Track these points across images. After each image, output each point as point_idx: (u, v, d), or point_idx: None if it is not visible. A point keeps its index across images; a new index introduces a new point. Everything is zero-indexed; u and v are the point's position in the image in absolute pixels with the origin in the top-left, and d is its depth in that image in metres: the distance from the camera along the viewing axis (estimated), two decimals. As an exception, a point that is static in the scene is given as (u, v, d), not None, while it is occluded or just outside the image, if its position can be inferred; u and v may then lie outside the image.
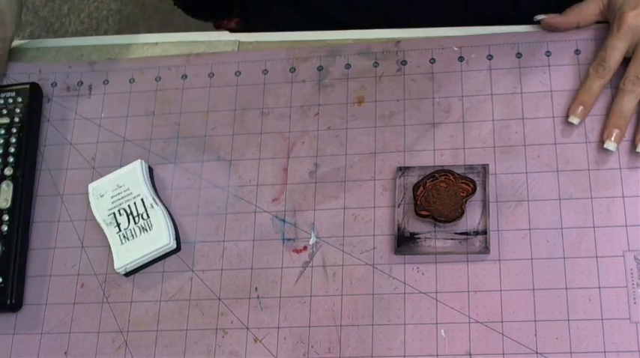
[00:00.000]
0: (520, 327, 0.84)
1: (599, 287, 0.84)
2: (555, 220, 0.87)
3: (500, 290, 0.85)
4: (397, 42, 0.99)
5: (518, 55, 0.95)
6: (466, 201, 0.88)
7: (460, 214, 0.87)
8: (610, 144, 0.87)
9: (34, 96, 1.04)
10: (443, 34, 0.99)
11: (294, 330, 0.88)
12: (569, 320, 0.83)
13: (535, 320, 0.84)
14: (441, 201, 0.88)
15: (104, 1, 2.48)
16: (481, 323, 0.84)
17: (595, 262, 0.85)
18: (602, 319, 0.82)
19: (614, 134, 0.87)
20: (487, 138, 0.92)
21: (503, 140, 0.91)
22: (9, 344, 0.93)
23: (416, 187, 0.89)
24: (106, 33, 2.43)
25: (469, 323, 0.85)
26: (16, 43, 1.10)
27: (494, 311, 0.85)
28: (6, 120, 1.02)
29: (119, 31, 2.41)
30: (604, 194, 0.87)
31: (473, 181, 0.88)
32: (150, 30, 2.36)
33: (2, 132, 1.01)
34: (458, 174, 0.89)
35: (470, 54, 0.96)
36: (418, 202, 0.89)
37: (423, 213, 0.88)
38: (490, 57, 0.96)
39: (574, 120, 0.89)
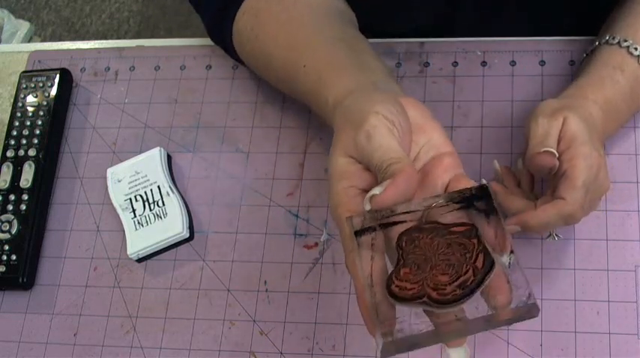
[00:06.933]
0: (526, 336, 0.83)
1: (609, 301, 0.83)
2: (568, 231, 0.86)
3: (508, 298, 0.85)
4: (421, 43, 0.98)
5: (542, 63, 0.94)
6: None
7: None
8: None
9: (64, 82, 1.05)
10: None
11: (300, 326, 0.88)
12: (575, 332, 0.82)
13: (541, 330, 0.83)
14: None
15: (125, 2, 2.50)
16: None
17: (606, 275, 0.84)
18: (609, 333, 0.82)
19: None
20: (505, 144, 0.91)
21: (521, 147, 0.90)
22: (21, 323, 0.95)
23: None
24: (126, 34, 2.46)
25: (475, 329, 0.84)
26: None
27: (501, 319, 0.84)
28: (35, 104, 1.03)
29: (139, 33, 2.44)
30: (619, 207, 0.86)
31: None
32: (169, 32, 2.38)
33: (30, 115, 1.03)
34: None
35: (493, 59, 0.96)
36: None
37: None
38: (513, 63, 0.95)
39: None
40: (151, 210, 0.94)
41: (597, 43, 0.87)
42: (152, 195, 0.95)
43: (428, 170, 0.71)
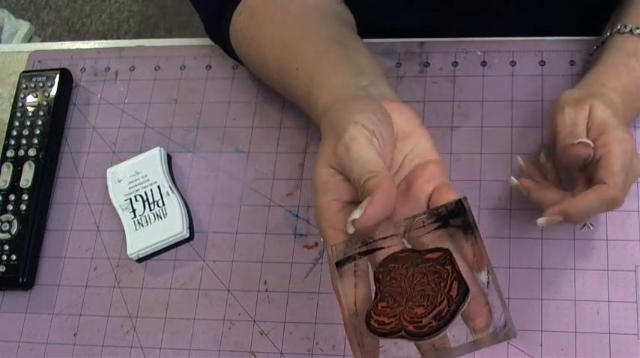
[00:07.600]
0: (526, 337, 0.83)
1: (609, 301, 0.83)
2: (568, 231, 0.86)
3: (508, 298, 0.84)
4: (421, 43, 0.98)
5: (542, 63, 0.94)
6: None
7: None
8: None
9: (64, 82, 1.05)
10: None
11: (300, 326, 0.88)
12: (575, 332, 0.82)
13: (542, 330, 0.83)
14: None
15: (125, 2, 2.50)
16: (487, 329, 0.84)
17: (606, 275, 0.84)
18: (609, 333, 0.82)
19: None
20: (505, 144, 0.91)
21: (522, 147, 0.90)
22: (21, 323, 0.95)
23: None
24: (126, 34, 2.46)
25: (475, 329, 0.84)
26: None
27: (501, 319, 0.84)
28: (35, 104, 1.03)
29: (139, 33, 2.44)
30: (619, 207, 0.86)
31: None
32: (169, 32, 2.38)
33: (30, 115, 1.03)
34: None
35: (493, 59, 0.96)
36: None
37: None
38: (513, 63, 0.95)
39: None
40: (151, 210, 0.94)
41: (608, 32, 0.86)
42: (152, 195, 0.95)
43: (412, 180, 0.71)
